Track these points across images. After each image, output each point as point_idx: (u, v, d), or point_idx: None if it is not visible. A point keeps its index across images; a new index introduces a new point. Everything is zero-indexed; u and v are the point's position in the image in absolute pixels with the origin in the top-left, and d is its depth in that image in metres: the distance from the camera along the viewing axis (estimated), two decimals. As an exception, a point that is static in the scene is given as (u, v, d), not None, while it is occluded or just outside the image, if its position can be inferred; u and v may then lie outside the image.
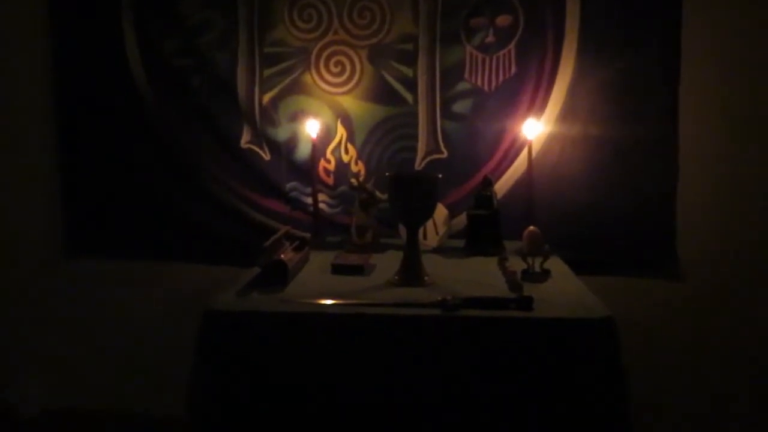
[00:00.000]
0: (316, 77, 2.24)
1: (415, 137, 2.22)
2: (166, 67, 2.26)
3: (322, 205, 2.25)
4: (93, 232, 2.35)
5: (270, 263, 1.74)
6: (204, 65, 2.26)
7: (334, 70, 2.23)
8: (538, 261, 1.77)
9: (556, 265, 1.84)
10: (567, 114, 2.14)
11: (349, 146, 2.26)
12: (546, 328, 1.48)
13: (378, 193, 2.09)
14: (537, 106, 2.15)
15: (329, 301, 1.58)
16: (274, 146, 2.28)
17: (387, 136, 2.24)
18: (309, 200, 2.23)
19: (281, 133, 2.27)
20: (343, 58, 2.23)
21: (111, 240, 2.34)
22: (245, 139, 2.29)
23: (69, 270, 2.38)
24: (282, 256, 1.79)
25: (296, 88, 2.25)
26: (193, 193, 2.30)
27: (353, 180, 2.14)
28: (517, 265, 1.78)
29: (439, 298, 1.54)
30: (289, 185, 2.28)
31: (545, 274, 1.77)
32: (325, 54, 2.23)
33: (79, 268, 2.37)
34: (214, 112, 2.28)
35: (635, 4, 2.10)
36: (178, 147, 2.29)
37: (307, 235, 2.06)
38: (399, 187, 1.75)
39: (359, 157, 2.25)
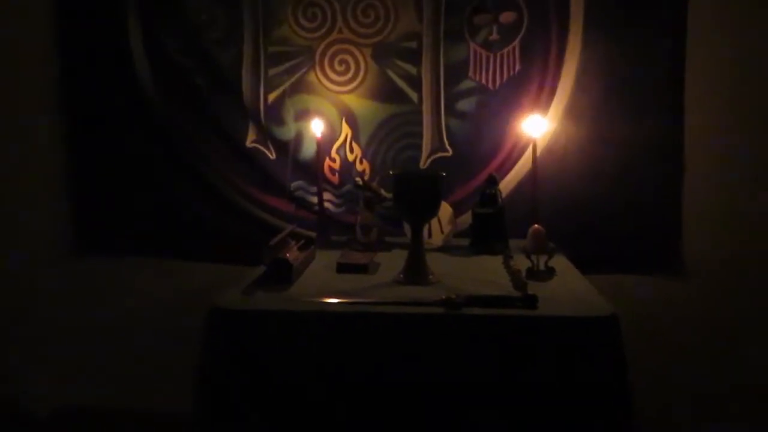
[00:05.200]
0: (321, 76, 2.24)
1: (420, 135, 2.22)
2: (171, 65, 2.27)
3: (327, 204, 2.25)
4: (100, 229, 2.36)
5: (275, 262, 1.75)
6: (208, 64, 2.26)
7: (338, 68, 2.24)
8: (542, 259, 1.77)
9: (560, 263, 1.84)
10: (572, 111, 2.14)
11: (354, 145, 2.26)
12: (550, 326, 1.48)
13: (383, 192, 2.10)
14: (542, 103, 2.15)
15: (334, 300, 1.59)
16: (280, 145, 2.28)
17: (392, 134, 2.24)
18: (314, 199, 2.23)
19: (286, 132, 2.28)
20: (348, 57, 2.23)
21: (118, 238, 2.35)
22: (251, 138, 2.30)
23: (77, 267, 2.39)
24: (287, 254, 1.80)
25: (301, 87, 2.25)
26: (198, 191, 2.31)
27: (358, 179, 2.14)
28: (521, 263, 1.78)
29: (444, 297, 1.54)
30: (294, 184, 2.29)
31: (550, 272, 1.77)
32: (329, 53, 2.23)
33: (87, 265, 2.38)
34: (219, 110, 2.28)
35: (640, 1, 2.09)
36: (183, 145, 2.30)
37: (312, 233, 2.08)
38: (403, 186, 1.76)
39: (364, 155, 2.26)
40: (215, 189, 2.30)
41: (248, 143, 2.29)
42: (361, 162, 2.26)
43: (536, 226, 1.81)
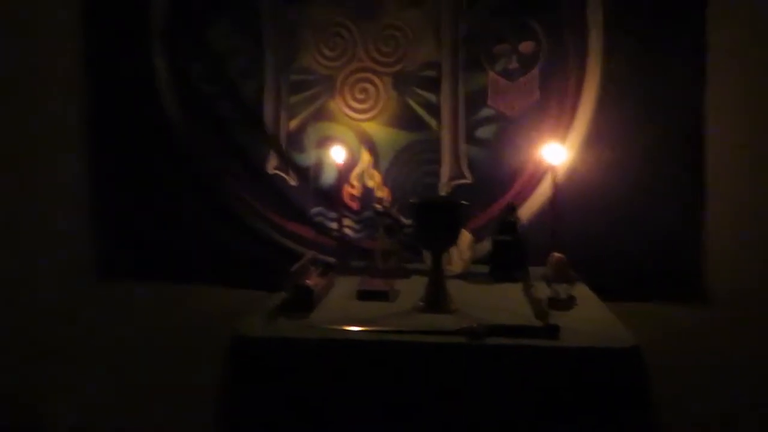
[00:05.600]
0: (341, 104, 2.27)
1: (439, 162, 2.24)
2: (195, 92, 2.31)
3: (346, 230, 2.27)
4: (123, 254, 2.39)
5: (296, 288, 1.76)
6: (232, 92, 2.30)
7: (358, 96, 2.27)
8: (563, 287, 1.77)
9: (581, 291, 1.83)
10: (591, 139, 2.15)
11: (374, 172, 2.28)
12: (573, 357, 1.48)
13: (403, 219, 2.11)
14: (561, 131, 2.16)
15: (355, 328, 1.59)
16: (300, 171, 2.31)
17: (411, 161, 2.26)
18: (334, 225, 2.25)
19: (307, 159, 2.30)
20: (368, 85, 2.26)
21: (141, 262, 2.38)
22: (272, 164, 2.32)
23: (99, 292, 2.42)
24: (308, 281, 1.81)
25: (322, 115, 2.28)
26: (220, 217, 2.33)
27: (378, 205, 2.16)
28: (542, 291, 1.77)
29: (465, 326, 1.54)
30: (315, 210, 2.31)
31: (571, 300, 1.76)
32: (350, 81, 2.26)
33: (110, 290, 2.41)
34: (242, 137, 2.31)
35: (658, 30, 2.10)
36: (205, 171, 2.33)
37: (332, 260, 2.10)
38: (423, 213, 1.77)
39: (384, 182, 2.28)
40: (236, 214, 2.32)
41: (270, 169, 2.32)
42: (381, 189, 2.28)
43: (557, 253, 1.81)
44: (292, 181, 2.32)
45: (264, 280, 1.98)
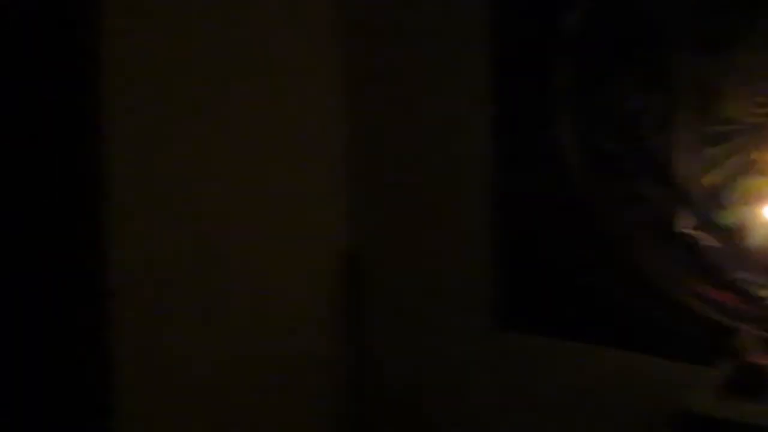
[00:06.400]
0: (775, 156, 2.00)
1: None
2: (599, 151, 2.28)
3: (783, 301, 1.95)
4: (525, 305, 2.44)
5: (743, 367, 1.56)
6: (639, 149, 2.21)
7: (797, 146, 1.97)
8: None
9: None
10: None
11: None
12: None
13: None
14: None
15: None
16: (720, 231, 2.09)
17: None
18: (765, 293, 1.96)
19: (729, 218, 2.08)
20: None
21: (537, 317, 2.41)
22: (684, 223, 2.15)
23: (495, 344, 2.50)
24: (755, 359, 1.58)
25: (747, 168, 2.04)
26: (624, 276, 2.23)
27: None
28: None
29: None
30: (739, 275, 2.05)
31: None
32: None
33: (505, 342, 2.47)
34: (650, 194, 2.20)
35: None
36: (609, 229, 2.27)
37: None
38: None
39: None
40: (642, 274, 2.20)
41: (681, 228, 2.15)
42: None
43: None
44: (711, 241, 2.10)
45: (672, 347, 1.81)
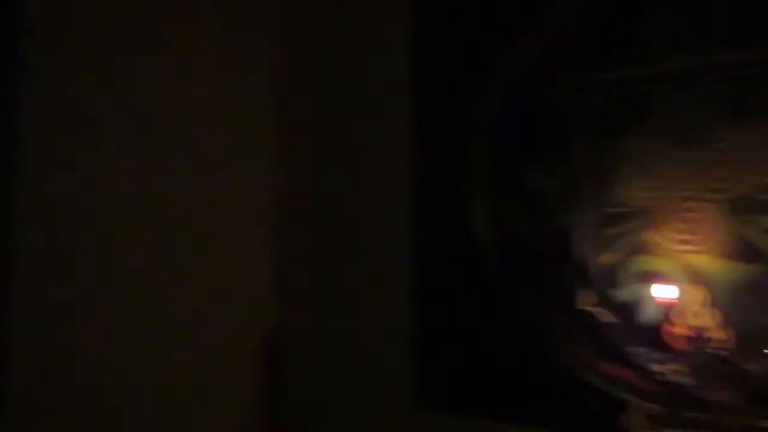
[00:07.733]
0: (663, 236, 2.11)
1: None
2: (511, 234, 2.38)
3: (675, 376, 2.01)
4: (438, 386, 2.46)
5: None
6: (544, 229, 2.32)
7: (683, 227, 2.08)
8: None
9: None
10: None
11: (707, 310, 2.02)
12: None
13: (747, 367, 1.79)
14: None
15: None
16: (617, 308, 2.16)
17: (752, 298, 1.95)
18: (658, 368, 2.02)
19: (624, 295, 2.15)
20: (694, 215, 2.07)
21: (455, 396, 2.42)
22: (584, 301, 2.23)
23: (417, 423, 2.50)
24: None
25: (641, 248, 2.14)
26: (532, 355, 2.29)
27: (713, 349, 1.88)
28: None
29: None
30: (634, 350, 2.11)
31: None
32: (672, 211, 2.11)
33: (426, 421, 2.47)
34: (552, 273, 2.28)
35: None
36: (517, 307, 2.33)
37: (659, 408, 1.86)
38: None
39: (721, 322, 1.99)
40: (547, 352, 2.24)
41: (582, 305, 2.22)
42: (717, 329, 1.99)
43: None
44: (610, 318, 2.18)
45: (570, 423, 1.85)
